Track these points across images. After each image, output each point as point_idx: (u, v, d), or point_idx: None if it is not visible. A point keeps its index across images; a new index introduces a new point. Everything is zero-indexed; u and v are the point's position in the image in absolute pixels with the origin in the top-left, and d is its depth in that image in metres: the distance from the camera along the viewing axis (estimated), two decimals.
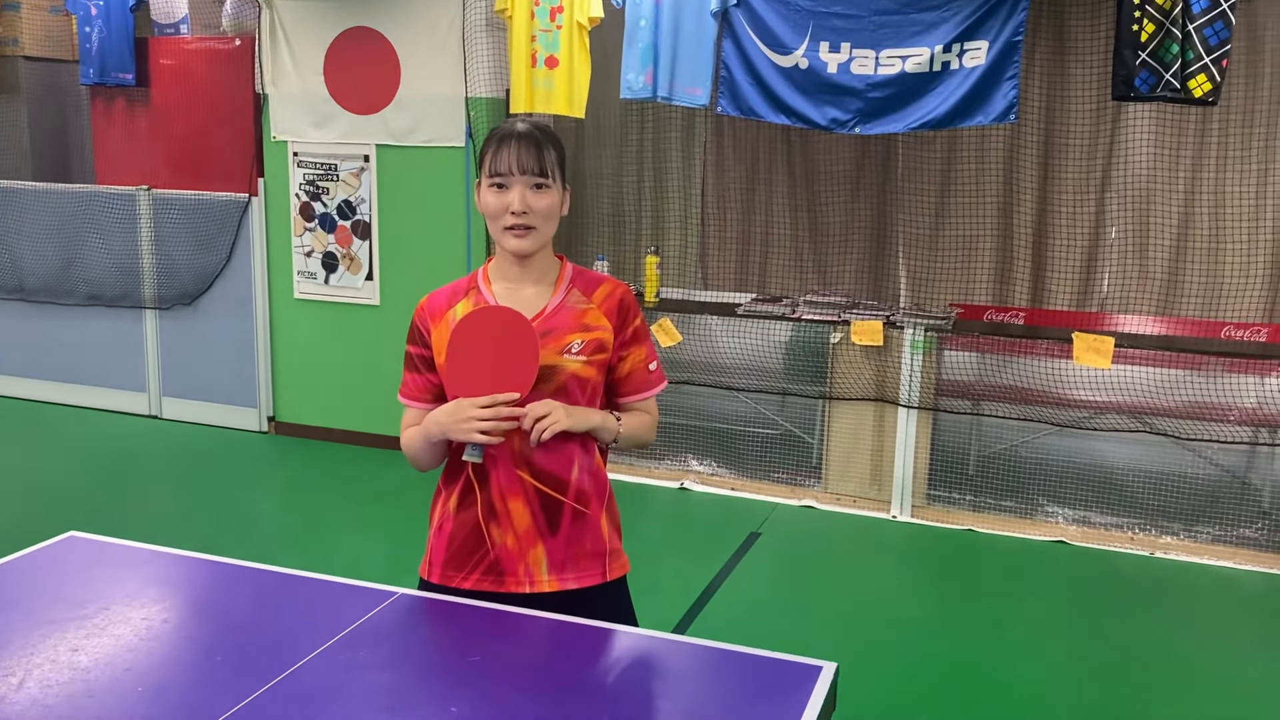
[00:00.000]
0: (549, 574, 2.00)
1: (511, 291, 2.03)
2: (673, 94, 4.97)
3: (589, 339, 1.99)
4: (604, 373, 2.04)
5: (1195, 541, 4.63)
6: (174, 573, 2.14)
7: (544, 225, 1.98)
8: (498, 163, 1.96)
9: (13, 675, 1.67)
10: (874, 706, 3.25)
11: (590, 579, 2.03)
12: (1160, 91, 4.20)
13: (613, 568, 2.07)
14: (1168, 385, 4.63)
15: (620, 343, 2.04)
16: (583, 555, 2.03)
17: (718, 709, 1.65)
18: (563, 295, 2.03)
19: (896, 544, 4.77)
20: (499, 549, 2.00)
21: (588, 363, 1.98)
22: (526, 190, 1.95)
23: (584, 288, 2.05)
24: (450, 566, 2.04)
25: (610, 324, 2.02)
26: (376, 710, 1.60)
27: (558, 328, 1.99)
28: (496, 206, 1.97)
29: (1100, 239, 5.31)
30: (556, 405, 1.91)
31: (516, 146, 1.95)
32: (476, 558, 2.01)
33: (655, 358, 2.11)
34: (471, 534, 2.01)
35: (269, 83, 5.76)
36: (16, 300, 6.58)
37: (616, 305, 2.04)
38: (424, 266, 5.55)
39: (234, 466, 5.64)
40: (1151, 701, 3.43)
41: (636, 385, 2.08)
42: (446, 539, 2.04)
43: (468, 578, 2.02)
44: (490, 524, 1.99)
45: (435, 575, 2.05)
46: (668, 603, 3.94)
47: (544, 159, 1.96)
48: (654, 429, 2.14)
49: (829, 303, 5.15)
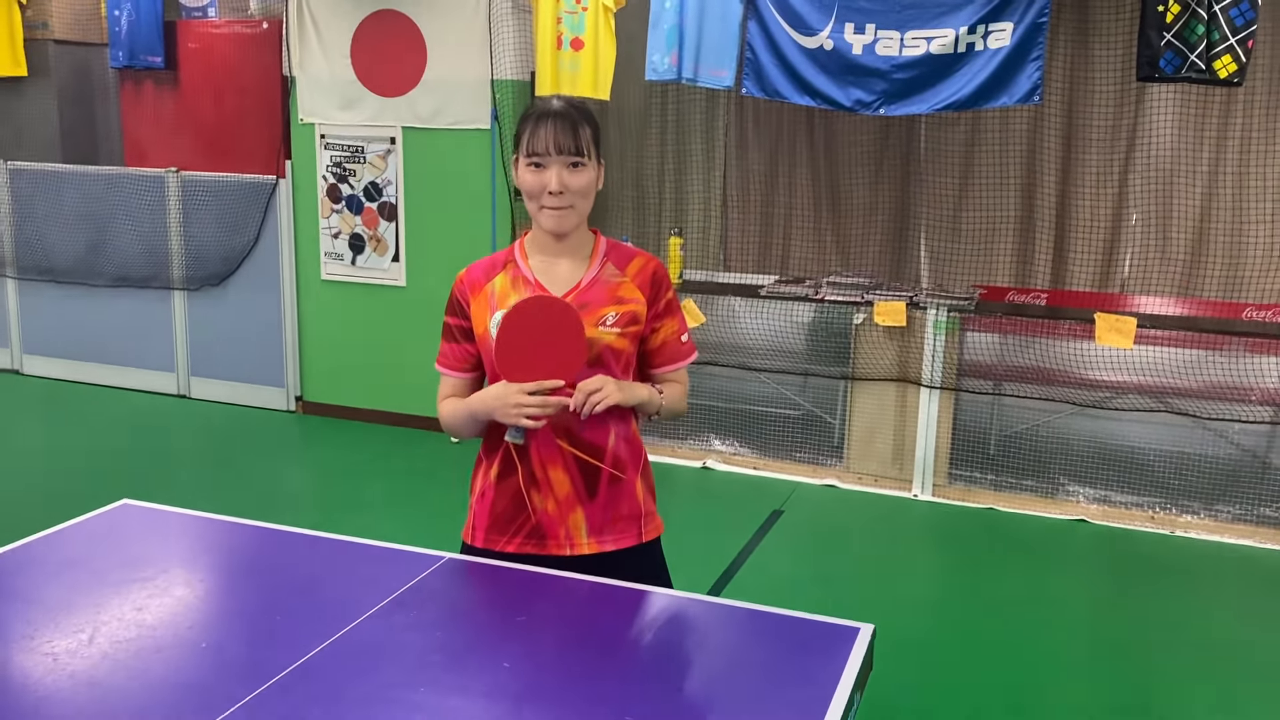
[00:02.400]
0: (588, 537, 2.07)
1: (547, 265, 2.08)
2: (697, 76, 5.01)
3: (623, 311, 2.05)
4: (637, 344, 2.09)
5: (1216, 520, 4.66)
6: (227, 538, 2.21)
7: (581, 203, 2.04)
8: (534, 142, 2.00)
9: (82, 632, 1.74)
10: (897, 681, 3.31)
11: (627, 540, 2.11)
12: (1185, 73, 4.22)
13: (648, 529, 2.14)
14: (1189, 366, 4.65)
15: (653, 314, 2.10)
16: (619, 518, 2.10)
17: (760, 666, 1.71)
18: (597, 269, 2.08)
19: (918, 522, 4.82)
20: (540, 514, 2.06)
21: (621, 335, 2.04)
22: (563, 169, 2.00)
23: (618, 261, 2.11)
24: (493, 531, 2.11)
25: (643, 296, 2.08)
26: (432, 667, 1.67)
27: (593, 301, 2.04)
28: (534, 185, 2.02)
29: (1122, 220, 5.33)
30: (608, 380, 1.97)
31: (552, 126, 1.99)
32: (518, 523, 2.08)
33: (686, 329, 2.18)
34: (513, 501, 2.08)
35: (296, 65, 5.82)
36: (47, 282, 6.68)
37: (650, 278, 2.10)
38: (450, 248, 5.61)
39: (263, 445, 5.73)
40: (1172, 679, 3.47)
41: (670, 356, 2.14)
42: (489, 506, 2.11)
43: (511, 541, 2.09)
44: (531, 491, 2.06)
45: (479, 540, 2.12)
46: (693, 578, 3.99)
47: (579, 137, 2.00)
48: (686, 398, 2.22)
49: (851, 284, 5.19)
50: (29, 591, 1.89)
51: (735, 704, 1.59)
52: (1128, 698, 3.32)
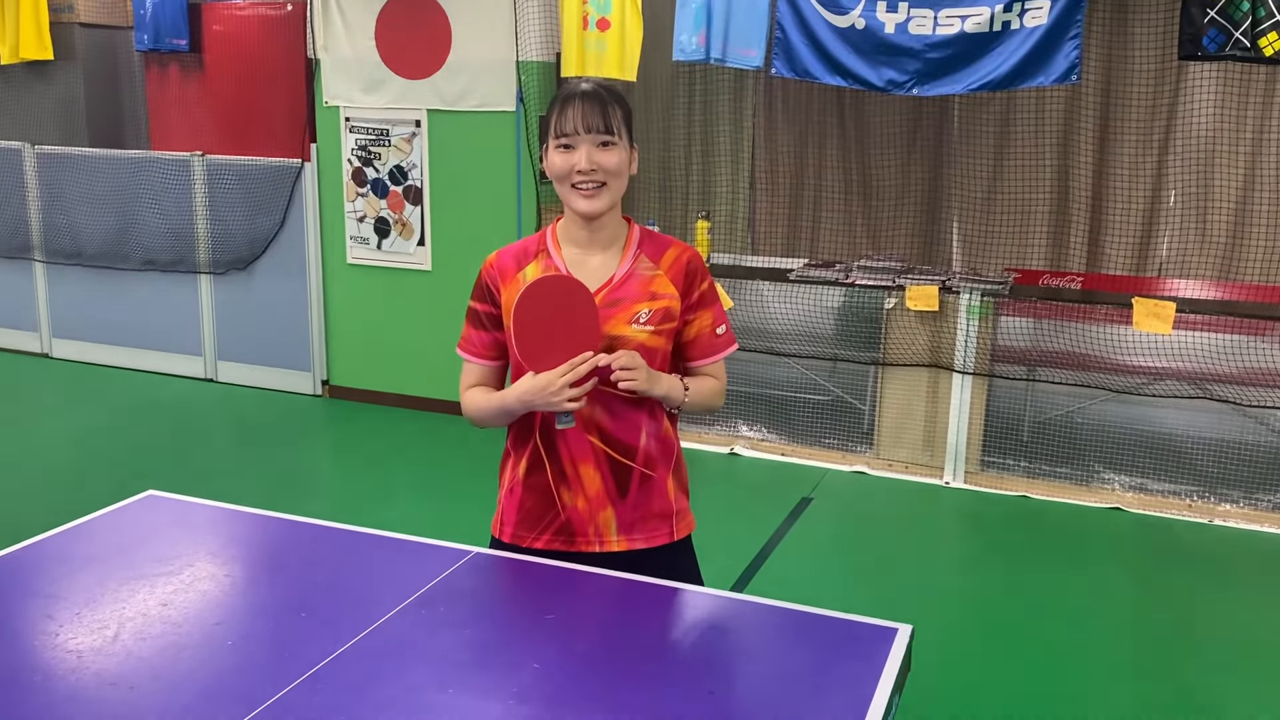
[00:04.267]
0: (618, 534, 2.02)
1: (580, 258, 2.02)
2: (726, 56, 4.93)
3: (656, 308, 1.98)
4: (672, 340, 2.03)
5: (1255, 509, 4.57)
6: (253, 532, 2.18)
7: (613, 183, 1.96)
8: (563, 123, 1.94)
9: (107, 628, 1.71)
10: (931, 671, 3.25)
11: (658, 539, 2.06)
12: (1229, 50, 4.11)
13: (679, 528, 2.09)
14: (1228, 351, 4.55)
15: (686, 307, 2.02)
16: (650, 516, 2.05)
17: (797, 669, 1.67)
18: (630, 262, 2.01)
19: (950, 510, 4.75)
20: (570, 511, 2.02)
21: (655, 332, 1.98)
22: (593, 149, 1.93)
23: (651, 253, 2.04)
24: (521, 527, 2.06)
25: (677, 290, 2.01)
26: (461, 666, 1.63)
27: (626, 297, 1.98)
28: (563, 167, 1.95)
29: (1159, 202, 5.21)
30: (642, 363, 1.92)
31: (581, 106, 1.93)
32: (547, 520, 2.04)
33: (724, 321, 2.09)
34: (542, 498, 2.03)
35: (321, 48, 5.78)
36: (75, 265, 6.69)
37: (683, 270, 2.02)
38: (475, 232, 5.57)
39: (290, 429, 5.73)
40: (1210, 670, 3.40)
41: (703, 350, 2.07)
42: (517, 503, 2.06)
43: (539, 538, 2.05)
44: (561, 488, 2.01)
45: (506, 535, 2.08)
46: (722, 566, 3.95)
47: (609, 116, 1.94)
48: (721, 394, 2.12)
49: (882, 267, 5.11)
50: (53, 587, 1.87)
51: (771, 706, 1.54)
52: (1166, 690, 3.26)
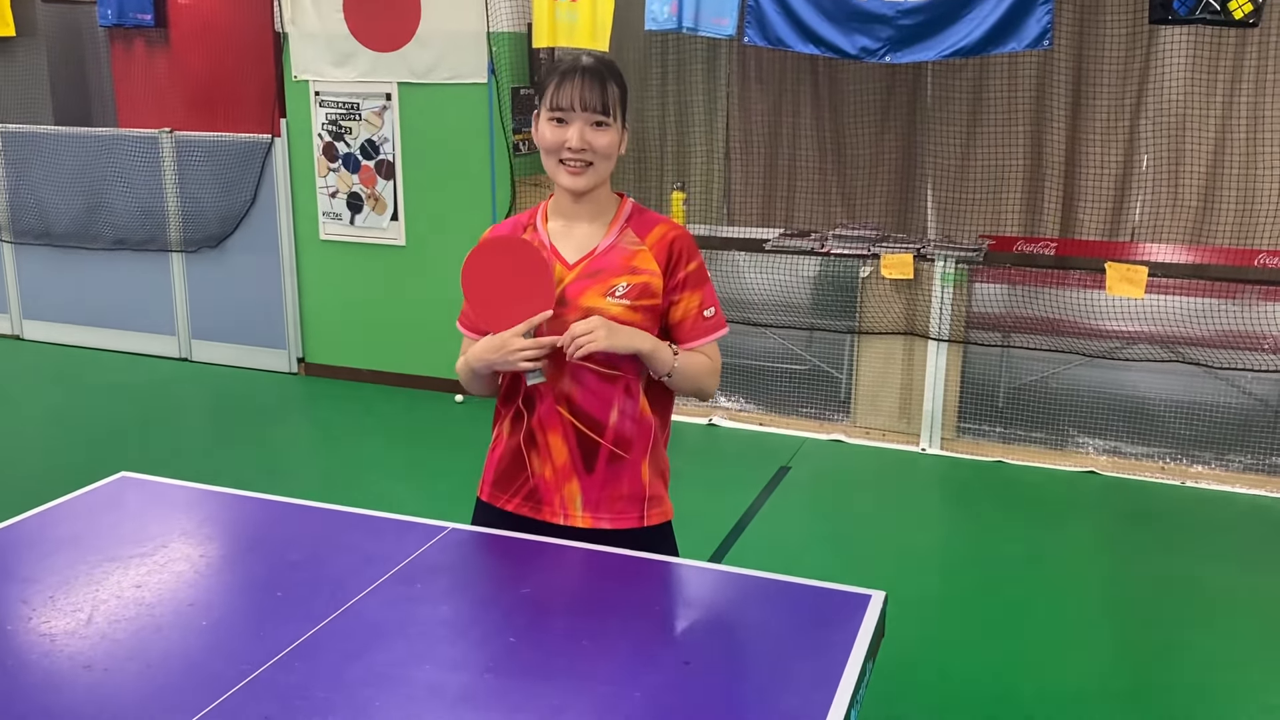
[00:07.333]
0: (583, 510, 2.02)
1: (565, 230, 2.01)
2: (698, 25, 4.89)
3: (635, 282, 1.96)
4: (654, 318, 1.99)
5: (1227, 470, 4.63)
6: (227, 511, 2.17)
7: (601, 163, 1.95)
8: (559, 97, 1.92)
9: (80, 611, 1.71)
10: (907, 637, 3.29)
11: (626, 521, 2.03)
12: (1200, 14, 4.11)
13: (651, 514, 2.05)
14: (1200, 314, 4.59)
15: (670, 287, 1.99)
16: (619, 497, 2.02)
17: (772, 636, 1.68)
18: (615, 236, 2.00)
19: (927, 476, 4.79)
20: (537, 478, 2.03)
21: (631, 307, 1.95)
22: (586, 127, 1.92)
23: (639, 228, 2.01)
24: (497, 487, 2.08)
25: (659, 267, 1.98)
26: (437, 642, 1.64)
27: (605, 269, 1.97)
28: (553, 141, 1.93)
29: (1132, 167, 5.24)
30: (601, 323, 1.89)
31: (580, 81, 1.91)
32: (518, 483, 2.05)
33: (713, 303, 2.04)
34: (515, 458, 2.04)
35: (288, 21, 5.70)
36: (44, 245, 6.61)
37: (667, 248, 1.99)
38: (449, 206, 5.54)
39: (266, 407, 5.70)
40: (1183, 630, 3.45)
41: (690, 331, 2.02)
42: (497, 459, 2.08)
43: (510, 500, 2.06)
44: (530, 452, 2.02)
45: (485, 493, 2.11)
46: (701, 536, 3.98)
47: (607, 96, 1.92)
48: (714, 375, 2.06)
49: (858, 236, 5.12)
50: (25, 570, 1.86)
51: (746, 675, 1.56)
52: (1141, 649, 3.31)
